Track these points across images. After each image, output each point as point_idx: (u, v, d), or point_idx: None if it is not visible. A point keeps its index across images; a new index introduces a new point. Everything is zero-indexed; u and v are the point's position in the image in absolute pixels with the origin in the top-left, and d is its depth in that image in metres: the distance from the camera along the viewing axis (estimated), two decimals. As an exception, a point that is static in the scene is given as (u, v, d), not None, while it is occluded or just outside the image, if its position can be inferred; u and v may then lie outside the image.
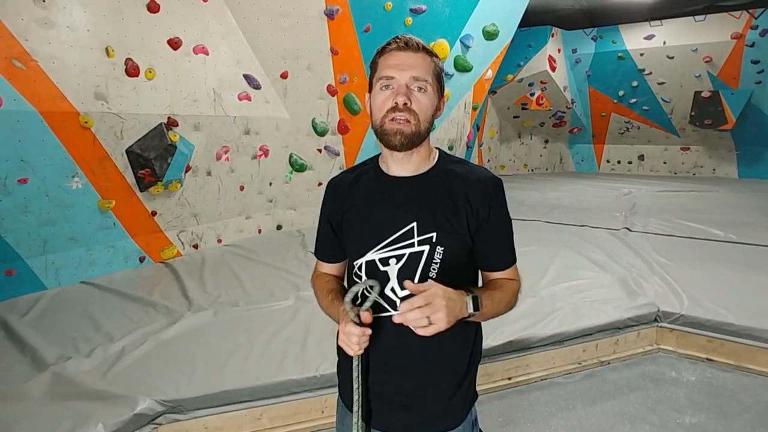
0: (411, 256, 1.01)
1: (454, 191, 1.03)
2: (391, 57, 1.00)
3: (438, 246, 1.00)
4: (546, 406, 2.38)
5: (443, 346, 1.04)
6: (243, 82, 4.46)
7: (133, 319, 2.81)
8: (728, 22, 8.28)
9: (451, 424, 1.07)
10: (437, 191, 1.03)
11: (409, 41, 1.01)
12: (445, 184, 1.04)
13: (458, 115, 6.04)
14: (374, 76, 1.03)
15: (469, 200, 1.02)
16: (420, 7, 5.11)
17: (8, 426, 1.85)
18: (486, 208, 1.02)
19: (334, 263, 1.21)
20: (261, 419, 2.14)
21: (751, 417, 2.25)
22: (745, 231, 4.78)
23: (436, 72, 1.03)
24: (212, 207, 4.41)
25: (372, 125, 1.04)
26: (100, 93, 3.42)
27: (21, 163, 3.08)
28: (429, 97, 1.01)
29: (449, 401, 1.07)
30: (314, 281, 1.23)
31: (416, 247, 1.01)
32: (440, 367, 1.05)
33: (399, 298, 1.02)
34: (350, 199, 1.09)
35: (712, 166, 9.62)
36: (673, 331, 2.86)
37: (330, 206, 1.14)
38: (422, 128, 1.00)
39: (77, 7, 3.30)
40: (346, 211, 1.09)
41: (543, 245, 4.25)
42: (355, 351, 0.98)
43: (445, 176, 1.05)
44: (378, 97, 1.01)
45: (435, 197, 1.03)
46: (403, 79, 0.98)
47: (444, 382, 1.06)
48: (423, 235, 1.01)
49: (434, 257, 1.00)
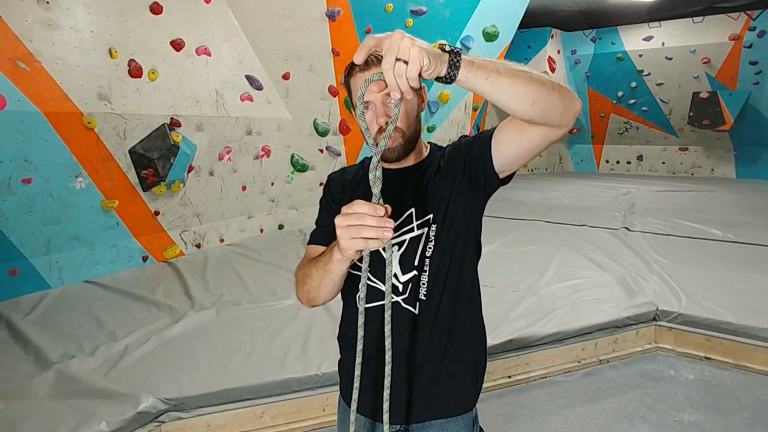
0: (411, 240, 1.04)
1: (440, 170, 1.06)
2: (358, 80, 1.00)
3: (433, 225, 1.03)
4: (546, 404, 2.39)
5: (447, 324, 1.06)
6: (245, 82, 4.49)
7: (137, 318, 2.82)
8: (726, 24, 8.32)
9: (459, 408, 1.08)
10: (430, 176, 1.07)
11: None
12: (435, 166, 1.07)
13: (458, 115, 6.07)
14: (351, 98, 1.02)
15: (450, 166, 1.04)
16: (420, 8, 5.14)
17: (13, 423, 1.86)
18: (461, 157, 1.03)
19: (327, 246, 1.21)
20: (263, 417, 2.16)
21: (749, 415, 2.27)
22: (743, 230, 4.80)
23: None
24: (215, 207, 4.44)
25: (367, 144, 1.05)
26: (103, 94, 3.44)
27: (25, 163, 3.10)
28: (409, 102, 1.01)
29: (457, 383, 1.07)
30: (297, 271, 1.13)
31: (415, 231, 1.03)
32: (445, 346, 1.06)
33: (401, 283, 1.04)
34: (354, 190, 1.12)
35: (710, 166, 9.66)
36: (671, 329, 2.88)
37: (333, 196, 1.15)
38: (410, 133, 1.02)
39: (81, 9, 3.32)
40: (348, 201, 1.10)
41: (542, 245, 4.27)
42: (373, 238, 0.75)
43: (434, 162, 1.08)
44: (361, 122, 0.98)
45: (428, 181, 1.06)
46: (378, 99, 0.98)
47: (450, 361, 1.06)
48: (420, 219, 1.04)
49: (429, 236, 1.03)
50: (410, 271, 1.04)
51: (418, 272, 1.04)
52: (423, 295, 1.05)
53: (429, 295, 1.05)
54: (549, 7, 8.09)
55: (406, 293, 1.05)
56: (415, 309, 1.05)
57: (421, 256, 1.04)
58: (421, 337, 1.05)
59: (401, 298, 1.05)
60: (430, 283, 1.05)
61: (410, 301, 1.05)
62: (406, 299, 1.05)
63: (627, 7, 8.13)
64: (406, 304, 1.05)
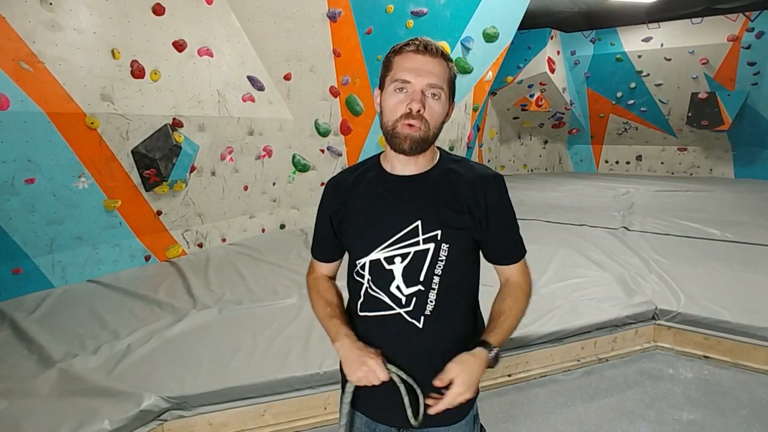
0: (416, 254, 1.01)
1: (456, 189, 1.03)
2: (408, 59, 0.97)
3: (443, 243, 1.00)
4: (545, 403, 2.41)
5: (449, 339, 1.05)
6: (247, 83, 4.51)
7: (139, 317, 2.84)
8: (725, 25, 8.34)
9: (453, 419, 1.07)
10: (440, 189, 1.03)
11: (428, 45, 0.98)
12: (447, 182, 1.04)
13: (459, 116, 6.08)
14: (387, 74, 1.00)
15: (471, 197, 1.02)
16: (421, 9, 5.16)
17: (16, 422, 1.87)
18: (487, 203, 1.03)
19: (331, 263, 1.22)
20: (265, 415, 2.17)
21: (747, 413, 2.29)
22: (742, 230, 4.82)
23: (450, 78, 1.02)
24: (216, 206, 4.45)
25: (382, 125, 1.03)
26: (106, 94, 3.46)
27: (28, 163, 3.11)
28: (442, 104, 1.00)
29: None
30: (311, 283, 1.22)
31: (421, 245, 1.01)
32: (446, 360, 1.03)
33: (404, 296, 1.03)
34: (352, 198, 1.09)
35: (708, 167, 9.68)
36: (670, 328, 2.90)
37: (331, 205, 1.12)
38: (432, 134, 1.00)
39: (84, 10, 3.34)
40: (348, 210, 1.08)
41: (542, 244, 4.30)
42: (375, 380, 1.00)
43: (447, 174, 1.05)
44: (391, 99, 0.99)
45: (438, 195, 1.03)
46: (420, 84, 0.96)
47: None
48: (428, 233, 1.01)
49: (440, 255, 1.01)
50: (415, 285, 1.03)
51: (425, 288, 1.03)
52: (429, 311, 1.03)
53: (435, 312, 1.04)
54: (549, 8, 8.12)
55: (410, 306, 1.03)
56: (419, 323, 1.04)
57: (429, 273, 1.02)
58: (424, 350, 1.05)
59: (404, 310, 1.04)
60: (438, 301, 1.03)
61: (414, 315, 1.04)
62: (410, 312, 1.04)
63: (626, 9, 8.15)
64: (411, 318, 1.04)
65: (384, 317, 1.05)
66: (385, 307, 1.04)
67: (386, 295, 1.04)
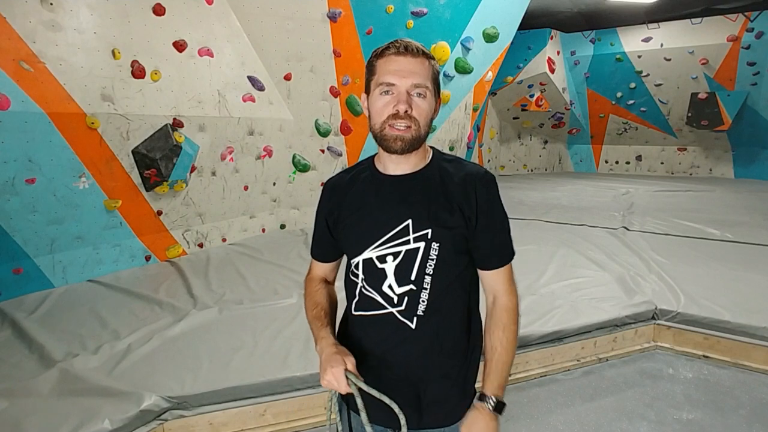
0: (407, 253, 1.02)
1: (447, 188, 1.03)
2: (390, 62, 0.99)
3: (433, 242, 1.01)
4: (545, 403, 2.41)
5: (442, 341, 1.05)
6: (247, 83, 4.51)
7: (139, 317, 2.84)
8: (724, 25, 8.35)
9: (451, 420, 1.07)
10: (431, 188, 1.04)
11: (408, 45, 0.99)
12: (439, 181, 1.04)
13: (459, 116, 6.09)
14: (372, 78, 1.02)
15: (461, 195, 1.03)
16: (421, 9, 5.16)
17: (17, 421, 1.88)
18: (477, 203, 1.03)
19: (328, 263, 1.22)
20: (265, 415, 2.17)
21: (747, 413, 2.29)
22: (741, 230, 4.83)
23: (434, 75, 1.02)
24: (217, 206, 4.46)
25: (371, 128, 1.04)
26: (106, 94, 3.46)
27: (29, 163, 3.12)
28: (428, 101, 1.01)
29: (449, 396, 1.07)
30: (305, 284, 1.24)
31: (412, 244, 1.01)
32: (440, 361, 1.05)
33: (396, 295, 1.03)
34: (347, 198, 1.10)
35: (708, 167, 9.69)
36: (670, 328, 2.90)
37: (327, 206, 1.13)
38: (422, 133, 1.01)
39: (84, 10, 3.34)
40: (343, 210, 1.10)
41: (542, 244, 4.29)
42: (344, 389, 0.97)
43: (439, 173, 1.06)
44: (377, 102, 1.00)
45: (429, 194, 1.03)
46: (404, 86, 0.98)
47: (444, 376, 1.06)
48: (418, 232, 1.01)
49: (430, 254, 1.01)
50: (406, 284, 1.03)
51: (417, 288, 1.03)
52: (421, 311, 1.03)
53: (427, 313, 1.03)
54: (548, 8, 8.13)
55: (402, 306, 1.03)
56: (412, 323, 1.03)
57: (420, 272, 1.02)
58: (417, 351, 1.05)
59: (397, 309, 1.04)
60: (430, 301, 1.03)
61: (407, 315, 1.04)
62: (402, 312, 1.04)
63: (626, 9, 8.16)
64: (403, 318, 1.04)
65: (377, 317, 1.05)
66: (378, 306, 1.05)
67: (379, 295, 1.05)
